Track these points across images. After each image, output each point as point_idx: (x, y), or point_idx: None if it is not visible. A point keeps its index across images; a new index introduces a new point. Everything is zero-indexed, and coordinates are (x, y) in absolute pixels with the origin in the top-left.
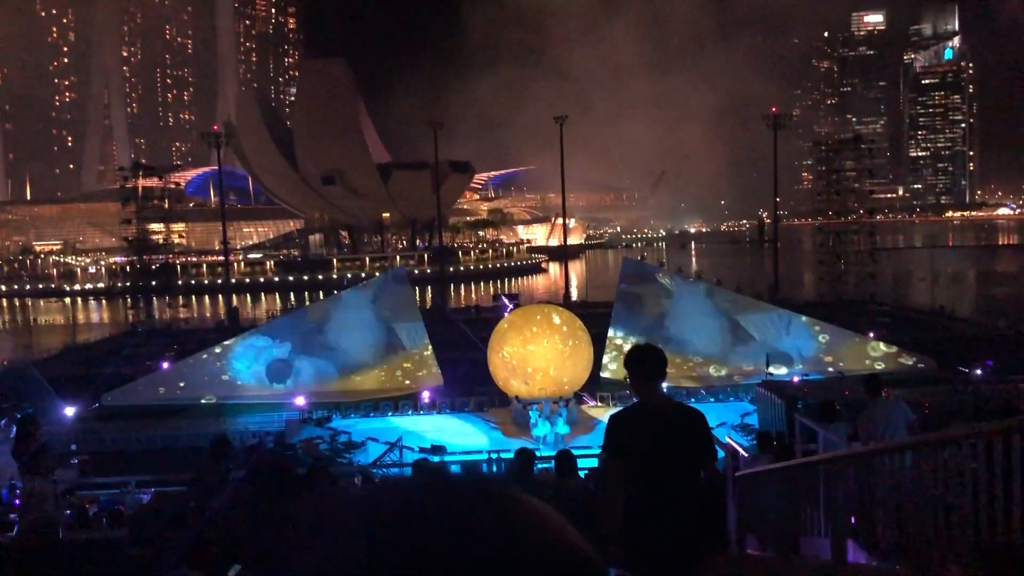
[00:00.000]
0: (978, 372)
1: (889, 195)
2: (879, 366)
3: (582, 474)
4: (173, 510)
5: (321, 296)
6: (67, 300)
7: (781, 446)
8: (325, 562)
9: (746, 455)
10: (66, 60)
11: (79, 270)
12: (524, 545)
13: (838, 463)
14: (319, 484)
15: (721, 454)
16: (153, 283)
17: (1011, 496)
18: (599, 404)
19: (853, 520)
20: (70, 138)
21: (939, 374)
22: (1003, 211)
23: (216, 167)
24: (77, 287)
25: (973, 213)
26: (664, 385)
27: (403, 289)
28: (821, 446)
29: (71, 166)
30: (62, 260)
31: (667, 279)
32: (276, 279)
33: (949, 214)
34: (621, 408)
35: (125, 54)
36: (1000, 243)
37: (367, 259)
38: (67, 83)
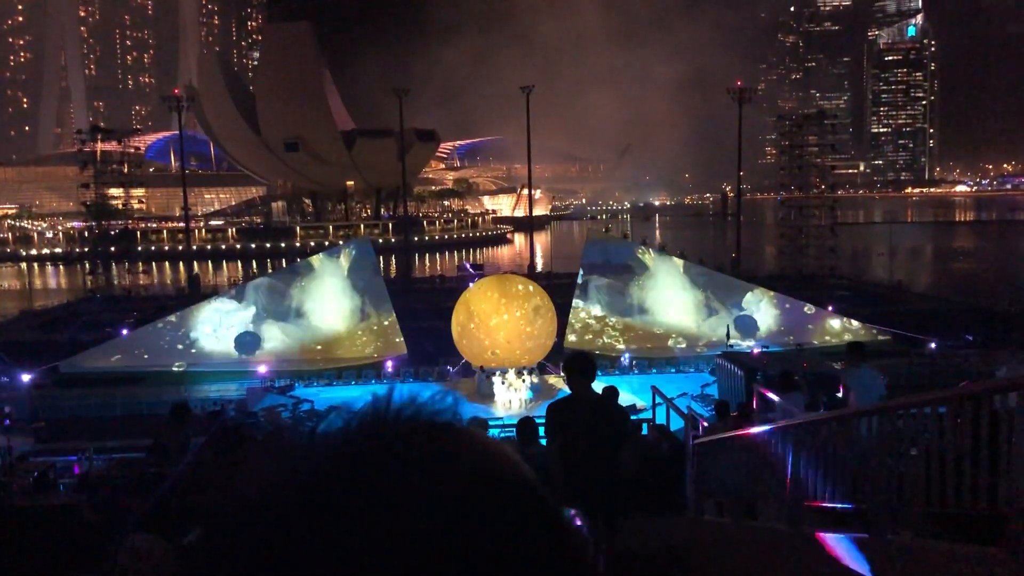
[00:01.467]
0: (932, 345)
1: (850, 170)
2: (844, 338)
3: (543, 441)
4: (132, 476)
5: (284, 264)
6: (23, 265)
7: (740, 415)
8: (257, 507)
9: (705, 424)
10: (20, 19)
11: (35, 235)
12: (473, 482)
13: (794, 430)
14: None
15: (680, 423)
16: (112, 249)
17: (961, 465)
18: (560, 374)
19: (809, 486)
20: (25, 99)
21: (896, 347)
22: (960, 188)
23: (177, 131)
24: (34, 252)
25: (932, 190)
26: (626, 356)
27: (367, 258)
28: (779, 415)
29: (27, 128)
30: (18, 224)
31: (631, 251)
32: (238, 246)
33: (908, 190)
34: (558, 399)
35: (83, 14)
36: (957, 219)
37: (331, 227)
38: (22, 43)
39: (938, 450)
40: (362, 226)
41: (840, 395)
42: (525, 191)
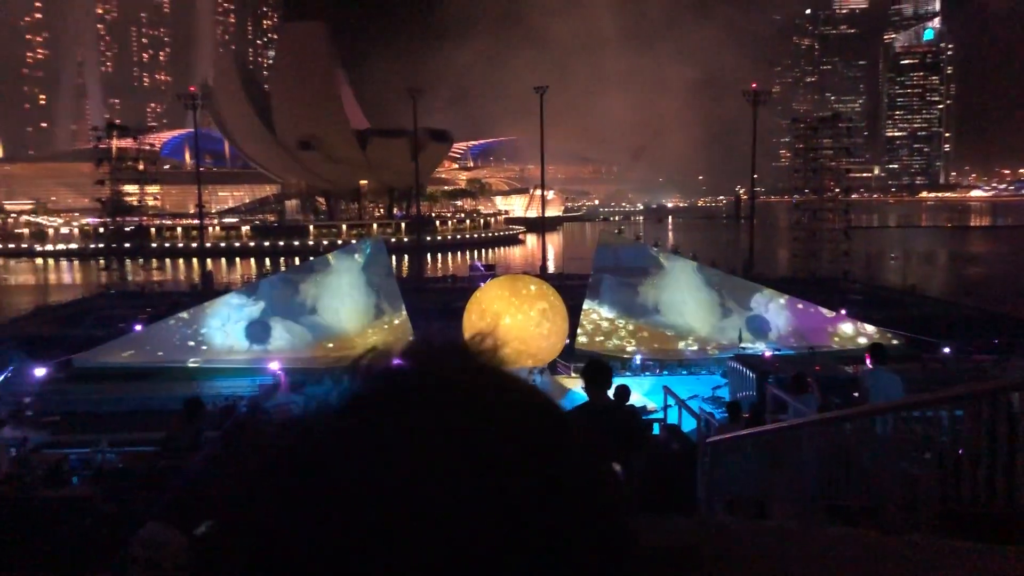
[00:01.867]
0: (946, 350)
1: (865, 174)
2: (858, 342)
3: None
4: (145, 469)
5: (297, 262)
6: (38, 260)
7: (752, 417)
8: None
9: (717, 424)
10: (39, 16)
11: (51, 230)
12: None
13: (805, 429)
14: None
15: (693, 424)
16: (126, 245)
17: (977, 465)
18: (573, 375)
19: (821, 485)
20: (43, 96)
21: (909, 351)
22: (976, 193)
23: (192, 129)
24: (49, 247)
25: (946, 194)
26: (638, 358)
27: (380, 257)
28: (791, 416)
29: (44, 125)
30: (33, 220)
31: (643, 253)
32: (251, 244)
33: (923, 195)
34: (575, 406)
35: (100, 11)
36: (972, 224)
37: (344, 226)
38: (40, 40)
39: (953, 449)
40: (375, 225)
41: (857, 396)
42: (538, 192)
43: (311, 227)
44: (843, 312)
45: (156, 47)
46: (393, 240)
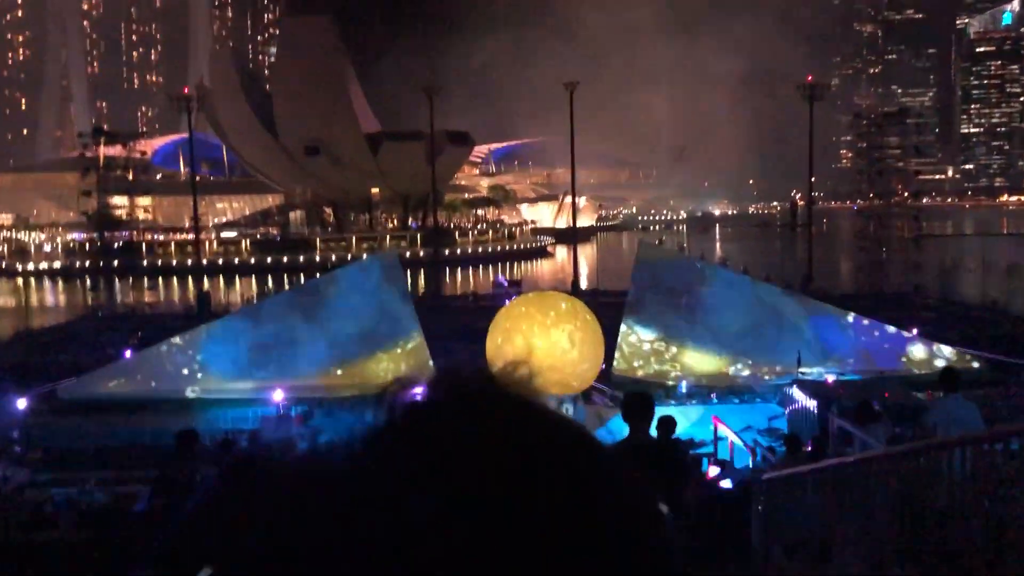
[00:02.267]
0: None
1: (937, 176)
2: (934, 365)
3: None
4: (135, 510)
5: (302, 280)
6: (19, 280)
7: (814, 451)
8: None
9: (773, 460)
10: (20, 13)
11: (32, 247)
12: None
13: (874, 464)
14: None
15: (746, 460)
16: (115, 263)
17: None
18: (610, 403)
19: (891, 528)
20: (24, 100)
21: (992, 375)
22: None
23: (186, 134)
24: (30, 266)
25: None
26: (684, 384)
27: (393, 272)
28: (858, 449)
29: (25, 131)
30: (13, 236)
31: (687, 267)
32: (252, 260)
33: (1004, 198)
34: (615, 443)
35: (86, 7)
36: None
37: (354, 239)
38: (21, 39)
39: None
40: (388, 237)
41: (930, 428)
42: (568, 199)
43: (318, 241)
44: (915, 331)
45: (147, 46)
46: (408, 254)
